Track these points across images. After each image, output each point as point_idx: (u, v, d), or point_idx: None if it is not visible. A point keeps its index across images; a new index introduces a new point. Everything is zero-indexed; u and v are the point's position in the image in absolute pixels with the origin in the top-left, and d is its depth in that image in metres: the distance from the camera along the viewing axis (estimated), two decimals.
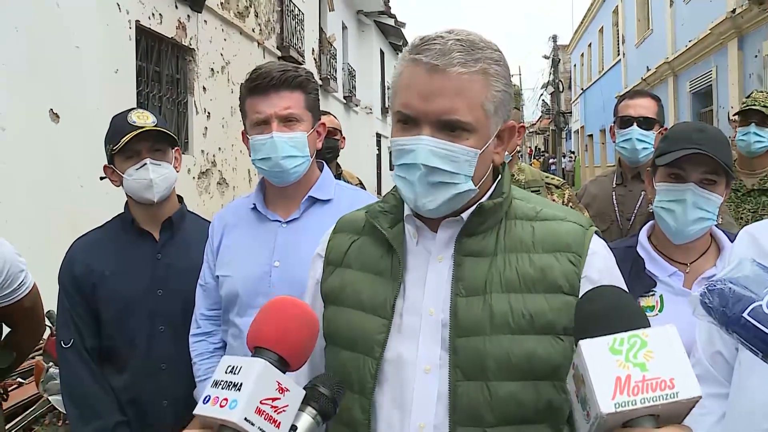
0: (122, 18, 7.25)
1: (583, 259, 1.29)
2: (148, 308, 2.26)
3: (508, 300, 1.27)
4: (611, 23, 25.40)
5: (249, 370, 0.98)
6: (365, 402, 1.31)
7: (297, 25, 14.35)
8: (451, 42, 1.24)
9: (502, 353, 1.25)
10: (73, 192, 6.00)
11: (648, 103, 3.16)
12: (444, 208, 1.29)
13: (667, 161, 1.92)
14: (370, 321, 1.34)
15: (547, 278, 1.28)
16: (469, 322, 1.27)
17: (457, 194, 1.28)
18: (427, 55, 1.23)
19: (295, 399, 1.00)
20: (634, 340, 0.94)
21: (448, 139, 1.25)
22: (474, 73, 1.24)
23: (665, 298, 1.96)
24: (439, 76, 1.23)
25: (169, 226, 2.35)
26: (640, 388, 0.90)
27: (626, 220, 3.12)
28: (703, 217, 1.92)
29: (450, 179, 1.26)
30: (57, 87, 6.01)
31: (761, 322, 1.03)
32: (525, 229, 1.34)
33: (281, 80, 2.02)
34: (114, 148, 2.24)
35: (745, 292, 1.06)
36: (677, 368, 0.93)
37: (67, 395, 2.29)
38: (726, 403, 1.63)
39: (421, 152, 1.25)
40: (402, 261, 1.35)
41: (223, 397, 0.96)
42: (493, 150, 1.33)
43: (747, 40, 12.03)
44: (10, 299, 2.32)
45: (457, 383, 1.26)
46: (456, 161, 1.25)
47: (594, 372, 0.92)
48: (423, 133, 1.25)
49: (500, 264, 1.30)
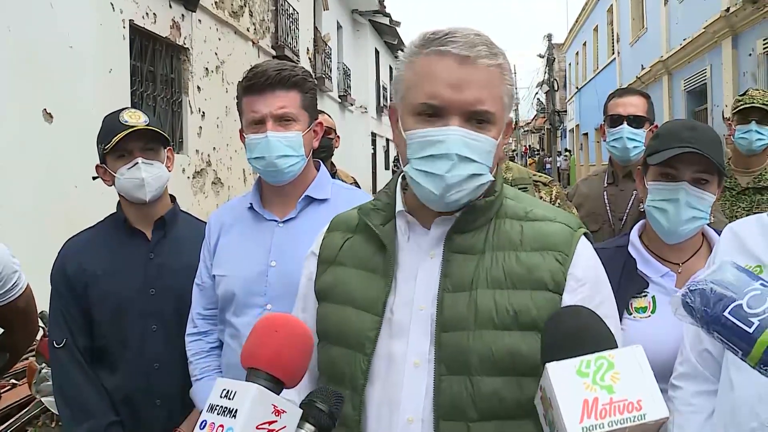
0: (116, 17, 7.23)
1: (569, 258, 1.31)
2: (141, 308, 2.25)
3: (493, 296, 1.28)
4: (606, 22, 25.45)
5: (243, 396, 0.98)
6: (356, 398, 1.32)
7: (292, 24, 14.33)
8: (472, 36, 1.27)
9: (485, 348, 1.26)
10: (67, 192, 5.99)
11: (637, 100, 3.13)
12: (465, 200, 1.31)
13: (659, 160, 1.89)
14: (362, 318, 1.35)
15: (533, 275, 1.29)
16: (454, 317, 1.28)
17: (481, 185, 1.30)
18: (455, 47, 1.25)
19: (292, 419, 1.01)
20: (601, 362, 0.95)
21: (476, 130, 1.27)
22: (495, 66, 1.28)
23: (658, 299, 1.94)
24: (469, 67, 1.26)
25: (162, 226, 2.35)
26: (608, 410, 0.91)
27: (618, 220, 3.09)
28: (696, 216, 1.90)
29: (478, 170, 1.28)
30: (51, 87, 5.99)
31: (741, 320, 1.04)
32: (514, 228, 1.35)
33: (277, 79, 2.01)
34: (106, 147, 2.23)
35: (727, 292, 1.07)
36: (644, 389, 0.93)
37: (60, 395, 2.28)
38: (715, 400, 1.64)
39: (453, 142, 1.25)
40: (393, 258, 1.36)
41: (218, 424, 0.97)
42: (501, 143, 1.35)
43: (741, 38, 12.06)
44: (3, 300, 2.32)
45: (441, 377, 1.27)
46: (482, 152, 1.28)
47: (561, 396, 0.92)
48: (452, 124, 1.26)
49: (488, 261, 1.31)
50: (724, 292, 1.07)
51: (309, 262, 1.52)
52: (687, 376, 1.72)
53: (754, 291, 1.07)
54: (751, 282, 1.08)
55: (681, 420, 1.70)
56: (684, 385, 1.72)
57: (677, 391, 1.73)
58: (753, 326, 1.04)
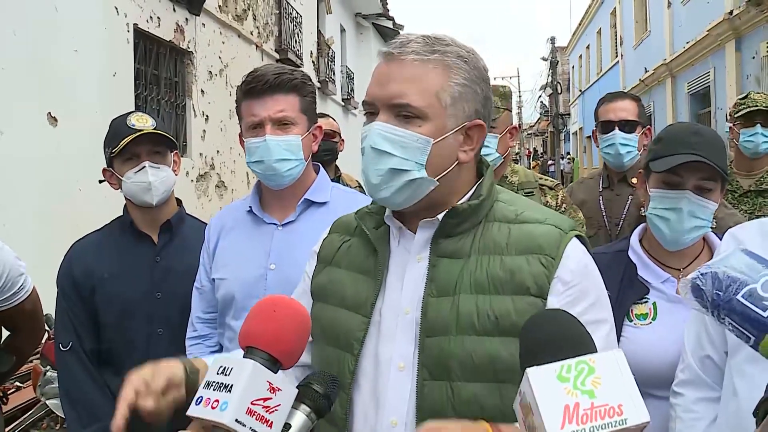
0: (120, 21, 7.26)
1: (556, 261, 1.28)
2: (147, 311, 2.26)
3: (475, 301, 1.28)
4: (609, 25, 25.43)
5: (239, 372, 0.99)
6: (344, 397, 1.32)
7: (295, 27, 14.35)
8: (415, 36, 1.31)
9: (466, 354, 1.25)
10: (72, 195, 6.01)
11: (628, 105, 3.08)
12: (399, 197, 1.30)
13: (664, 168, 1.85)
14: (352, 319, 1.37)
15: (515, 280, 1.27)
16: (437, 322, 1.29)
17: (408, 181, 1.29)
18: (389, 47, 1.31)
19: (287, 398, 1.02)
20: (582, 366, 0.94)
21: (400, 125, 1.28)
22: (429, 62, 1.29)
23: (659, 306, 1.92)
24: (394, 63, 1.29)
25: (168, 229, 2.36)
26: (589, 416, 0.90)
27: (614, 225, 3.05)
28: (698, 225, 1.87)
29: (400, 165, 1.28)
30: (55, 90, 6.01)
31: (755, 304, 1.02)
32: (501, 231, 1.34)
33: (276, 83, 2.02)
34: (113, 151, 2.24)
35: (740, 276, 1.05)
36: (625, 394, 0.92)
37: (66, 398, 2.29)
38: (717, 407, 1.63)
39: (370, 136, 1.29)
40: (383, 261, 1.37)
41: (214, 399, 0.97)
42: (457, 146, 1.33)
43: (745, 41, 12.05)
44: (10, 303, 2.32)
45: (424, 382, 1.28)
46: (406, 147, 1.28)
47: (542, 401, 0.91)
48: (378, 119, 1.29)
49: (472, 265, 1.31)
50: (738, 276, 1.04)
51: (310, 261, 1.54)
52: (688, 383, 1.71)
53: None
54: (765, 268, 1.05)
55: (682, 427, 1.69)
56: (685, 392, 1.71)
57: (679, 398, 1.72)
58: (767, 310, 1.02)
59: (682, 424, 1.69)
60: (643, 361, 1.81)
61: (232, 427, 0.95)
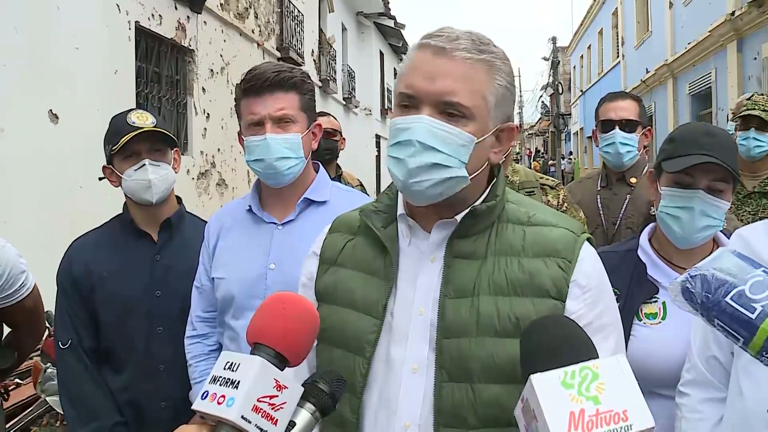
0: (122, 19, 7.25)
1: (572, 264, 1.29)
2: (147, 309, 2.26)
3: (495, 303, 1.27)
4: (611, 25, 25.42)
5: (247, 368, 0.98)
6: (355, 401, 1.31)
7: (296, 26, 14.34)
8: (460, 32, 1.28)
9: (487, 356, 1.25)
10: (73, 193, 6.00)
11: (628, 104, 3.09)
12: (433, 191, 1.28)
13: (676, 168, 1.85)
14: (362, 321, 1.34)
15: (535, 282, 1.27)
16: (456, 323, 1.28)
17: (448, 178, 1.27)
18: (436, 40, 1.27)
19: (293, 396, 1.01)
20: (586, 372, 0.93)
21: (447, 122, 1.26)
22: (478, 62, 1.27)
23: (668, 305, 1.91)
24: (445, 58, 1.26)
25: (168, 227, 2.35)
26: (595, 422, 0.89)
27: (612, 224, 3.05)
28: (710, 224, 1.87)
29: (444, 161, 1.26)
30: (56, 88, 6.00)
31: (743, 306, 1.02)
32: (516, 233, 1.33)
33: (275, 81, 2.01)
34: (113, 148, 2.24)
35: (728, 278, 1.05)
36: (629, 399, 0.92)
37: (65, 396, 2.29)
38: (722, 408, 1.63)
39: (418, 130, 1.25)
40: (394, 261, 1.35)
41: (220, 394, 0.96)
42: (490, 147, 1.33)
43: (746, 42, 12.04)
44: (11, 300, 2.32)
45: (442, 384, 1.27)
46: (451, 144, 1.26)
47: (547, 408, 0.91)
48: (422, 113, 1.26)
49: (490, 267, 1.30)
50: (726, 278, 1.05)
51: (309, 262, 1.51)
52: (694, 383, 1.71)
53: (757, 277, 1.06)
54: (753, 269, 1.07)
55: (688, 427, 1.69)
56: (691, 392, 1.70)
57: (684, 398, 1.72)
58: (755, 312, 1.03)
59: (687, 424, 1.69)
60: (653, 360, 1.82)
61: (238, 423, 0.94)
